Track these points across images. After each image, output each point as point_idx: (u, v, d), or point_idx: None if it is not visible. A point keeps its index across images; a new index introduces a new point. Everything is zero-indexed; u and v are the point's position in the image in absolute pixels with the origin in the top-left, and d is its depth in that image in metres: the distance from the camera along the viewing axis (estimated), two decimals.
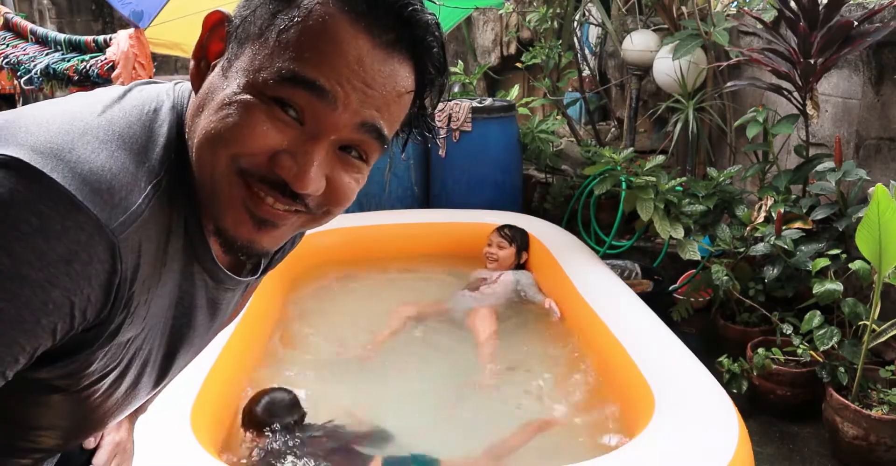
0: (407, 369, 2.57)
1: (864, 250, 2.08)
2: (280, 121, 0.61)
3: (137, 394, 0.76)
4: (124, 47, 2.80)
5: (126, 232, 0.58)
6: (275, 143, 0.61)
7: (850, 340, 2.28)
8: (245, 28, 0.63)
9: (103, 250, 0.56)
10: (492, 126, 3.91)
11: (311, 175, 0.62)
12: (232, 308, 0.85)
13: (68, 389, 0.65)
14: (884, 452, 2.13)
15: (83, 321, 0.58)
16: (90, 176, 0.56)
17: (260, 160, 0.61)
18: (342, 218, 3.72)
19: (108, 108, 0.63)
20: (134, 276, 0.60)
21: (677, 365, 2.08)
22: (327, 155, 0.63)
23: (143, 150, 0.62)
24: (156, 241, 0.62)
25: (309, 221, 0.68)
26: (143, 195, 0.60)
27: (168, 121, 0.65)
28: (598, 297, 2.64)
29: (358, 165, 0.66)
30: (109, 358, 0.65)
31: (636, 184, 2.91)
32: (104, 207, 0.56)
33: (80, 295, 0.56)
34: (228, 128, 0.61)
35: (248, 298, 1.07)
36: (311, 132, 0.62)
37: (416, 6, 0.63)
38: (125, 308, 0.61)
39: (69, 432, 0.75)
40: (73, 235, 0.54)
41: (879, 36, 2.47)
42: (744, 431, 1.78)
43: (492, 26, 5.61)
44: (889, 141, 2.70)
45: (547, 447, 2.12)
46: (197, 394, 1.89)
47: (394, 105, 0.64)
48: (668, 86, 3.65)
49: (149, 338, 0.70)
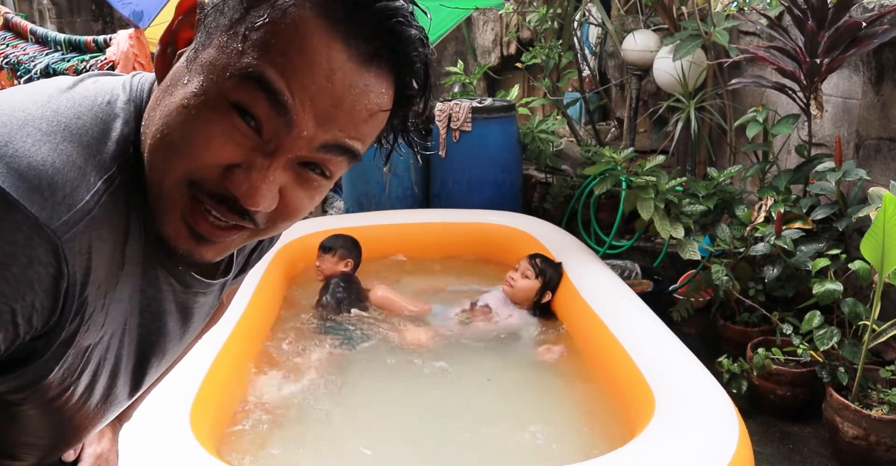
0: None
1: (868, 257, 2.08)
2: (238, 132, 0.56)
3: (113, 404, 0.73)
4: (124, 47, 2.80)
5: (71, 231, 0.53)
6: (230, 157, 0.57)
7: (850, 340, 2.28)
8: (216, 19, 0.58)
9: (45, 252, 0.51)
10: (492, 126, 3.91)
11: (263, 192, 0.57)
12: (208, 312, 0.81)
13: (33, 402, 0.61)
14: (884, 452, 2.13)
15: (29, 329, 0.54)
16: (28, 171, 0.51)
17: (213, 173, 0.57)
18: (342, 218, 3.74)
19: (54, 98, 0.58)
20: (85, 280, 0.56)
21: (677, 366, 2.08)
22: (284, 169, 0.59)
23: (94, 143, 0.57)
24: (111, 242, 0.58)
25: (253, 235, 0.63)
26: (92, 191, 0.55)
27: (124, 115, 0.61)
28: (598, 297, 2.64)
29: (317, 182, 0.62)
30: (68, 368, 0.61)
31: (636, 184, 2.91)
32: (44, 205, 0.51)
33: (23, 302, 0.52)
34: (184, 139, 0.56)
35: (229, 302, 1.03)
36: (268, 148, 0.57)
37: (401, 18, 0.58)
38: (77, 314, 0.57)
39: (47, 446, 0.72)
40: (9, 236, 0.50)
41: (887, 38, 2.47)
42: (744, 431, 1.78)
43: (492, 26, 5.61)
44: (889, 141, 2.70)
45: (547, 447, 2.11)
46: (196, 394, 1.89)
47: (363, 124, 0.60)
48: (668, 85, 3.65)
49: (112, 346, 0.66)
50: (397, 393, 2.41)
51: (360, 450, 2.09)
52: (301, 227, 3.46)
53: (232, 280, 0.84)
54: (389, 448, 2.11)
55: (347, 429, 2.19)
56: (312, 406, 2.27)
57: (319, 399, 2.31)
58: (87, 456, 0.95)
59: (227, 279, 0.79)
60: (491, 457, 2.07)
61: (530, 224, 3.53)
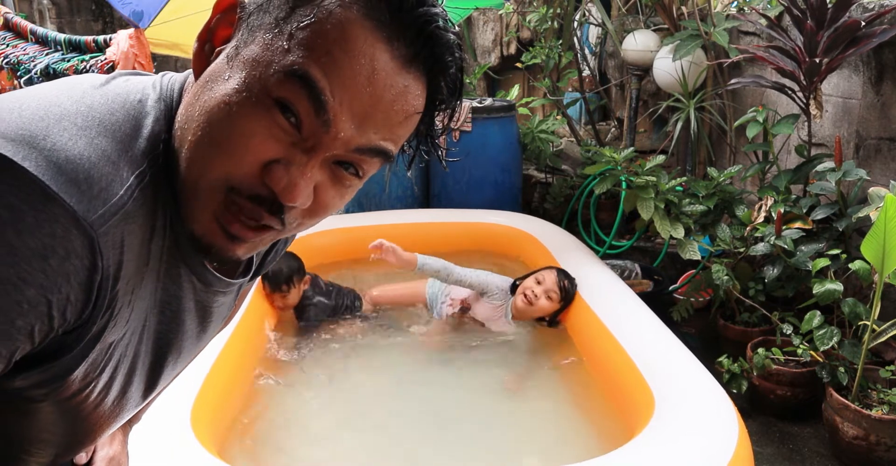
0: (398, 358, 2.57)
1: (868, 257, 2.08)
2: (279, 128, 0.58)
3: (127, 403, 0.73)
4: (124, 47, 2.80)
5: (106, 225, 0.54)
6: (271, 153, 0.58)
7: (850, 340, 2.28)
8: (259, 17, 0.60)
9: (81, 245, 0.52)
10: (492, 126, 3.91)
11: (301, 188, 0.59)
12: (225, 313, 0.81)
13: (53, 398, 0.61)
14: (884, 452, 2.13)
15: (63, 322, 0.54)
16: (66, 164, 0.52)
17: (253, 171, 0.59)
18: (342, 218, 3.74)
19: (88, 94, 0.59)
20: (117, 274, 0.56)
21: (677, 366, 2.08)
22: (321, 167, 0.61)
23: (127, 139, 0.58)
24: (140, 237, 0.58)
25: (280, 234, 0.64)
26: (126, 186, 0.56)
27: (154, 113, 0.62)
28: (598, 298, 2.64)
29: (349, 181, 0.63)
30: (91, 364, 0.61)
31: (636, 184, 2.91)
32: (81, 198, 0.52)
33: (59, 294, 0.52)
34: (226, 135, 0.58)
35: (241, 302, 1.03)
36: (307, 144, 0.59)
37: (440, 23, 0.60)
38: (108, 309, 0.58)
39: (61, 445, 0.72)
40: (48, 229, 0.50)
41: (886, 37, 2.46)
42: (744, 431, 1.78)
43: (492, 26, 5.61)
44: (889, 141, 2.70)
45: (547, 447, 2.12)
46: (197, 394, 1.89)
47: (398, 126, 0.61)
48: (668, 85, 3.65)
49: (132, 343, 0.66)
50: (397, 393, 2.41)
51: (361, 450, 2.10)
52: None
53: (248, 281, 0.84)
54: (389, 448, 2.11)
55: (348, 429, 2.19)
56: (313, 406, 2.27)
57: (320, 399, 2.31)
58: (98, 459, 0.95)
59: (246, 279, 0.79)
60: (490, 457, 2.07)
61: (530, 224, 3.53)
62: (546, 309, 2.66)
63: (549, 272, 2.71)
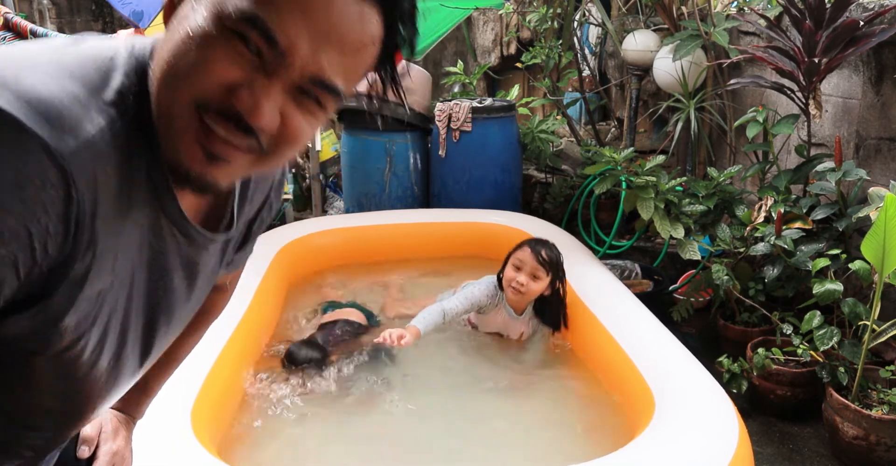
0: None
1: (868, 257, 2.08)
2: (239, 54, 0.61)
3: (124, 368, 0.74)
4: None
5: (79, 160, 0.56)
6: (234, 78, 0.61)
7: (850, 340, 2.28)
8: None
9: (55, 175, 0.54)
10: (492, 126, 3.91)
11: (265, 108, 0.62)
12: (210, 276, 0.83)
13: (48, 352, 0.63)
14: (884, 452, 2.13)
15: (45, 255, 0.56)
16: (38, 103, 0.54)
17: (218, 92, 0.61)
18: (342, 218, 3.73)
19: (59, 50, 0.62)
20: (93, 211, 0.59)
21: (677, 366, 2.08)
22: (284, 93, 0.63)
23: (95, 89, 0.61)
24: (115, 179, 0.61)
25: (259, 160, 0.67)
26: (98, 127, 0.58)
27: (124, 68, 0.64)
28: (597, 298, 2.64)
29: (313, 109, 0.66)
30: (82, 314, 0.63)
31: (636, 184, 2.91)
32: (53, 133, 0.54)
33: (38, 225, 0.54)
34: (189, 64, 0.61)
35: (233, 288, 1.06)
36: (268, 70, 0.62)
37: None
38: (90, 247, 0.60)
39: (62, 413, 0.73)
40: (22, 159, 0.53)
41: (885, 36, 2.46)
42: (744, 431, 1.78)
43: (492, 26, 5.60)
44: (889, 141, 2.70)
45: (547, 447, 2.12)
46: (197, 394, 1.89)
47: (352, 55, 0.64)
48: (668, 85, 3.65)
49: (122, 298, 0.68)
50: (397, 393, 2.41)
51: (361, 450, 2.10)
52: (301, 227, 3.47)
53: (234, 249, 0.87)
54: (389, 447, 2.11)
55: (348, 429, 2.19)
56: (314, 406, 2.27)
57: (320, 399, 2.31)
58: (102, 453, 0.96)
59: (230, 238, 0.81)
60: (490, 458, 2.07)
61: (530, 224, 3.53)
62: (540, 289, 2.54)
63: (523, 251, 2.55)
